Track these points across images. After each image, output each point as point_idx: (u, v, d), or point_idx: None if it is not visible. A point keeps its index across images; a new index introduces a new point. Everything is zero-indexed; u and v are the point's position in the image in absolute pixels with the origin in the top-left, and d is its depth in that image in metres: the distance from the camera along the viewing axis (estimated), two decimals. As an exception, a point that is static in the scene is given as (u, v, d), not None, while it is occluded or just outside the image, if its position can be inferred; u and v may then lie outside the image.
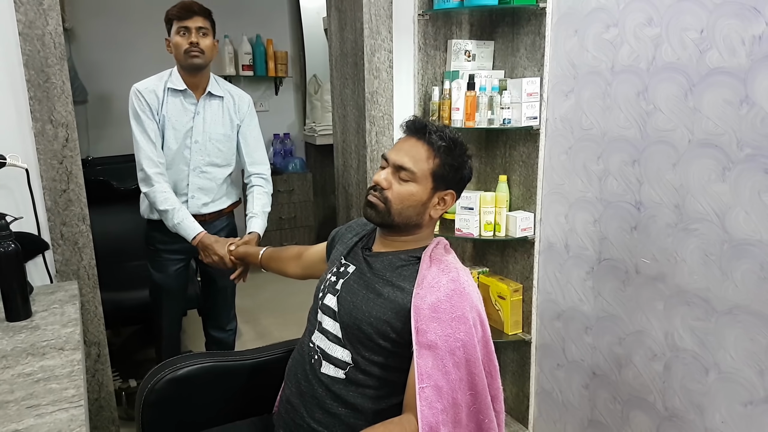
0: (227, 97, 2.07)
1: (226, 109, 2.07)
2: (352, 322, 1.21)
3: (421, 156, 1.21)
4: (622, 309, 1.80)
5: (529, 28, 2.02)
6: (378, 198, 1.23)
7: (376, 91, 2.09)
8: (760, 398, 1.44)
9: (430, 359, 1.11)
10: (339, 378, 1.22)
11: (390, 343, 1.18)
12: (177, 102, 1.99)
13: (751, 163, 1.40)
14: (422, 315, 1.13)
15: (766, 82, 1.34)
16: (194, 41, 1.92)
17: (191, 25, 1.92)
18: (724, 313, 1.50)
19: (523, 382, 2.26)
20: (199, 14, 1.94)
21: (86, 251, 1.77)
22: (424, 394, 1.10)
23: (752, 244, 1.41)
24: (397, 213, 1.23)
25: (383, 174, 1.24)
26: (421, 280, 1.18)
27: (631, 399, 1.80)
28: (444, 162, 1.22)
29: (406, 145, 1.24)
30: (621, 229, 1.77)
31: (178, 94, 1.99)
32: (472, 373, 1.14)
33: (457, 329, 1.13)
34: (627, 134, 1.71)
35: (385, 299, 1.20)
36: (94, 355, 1.85)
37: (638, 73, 1.65)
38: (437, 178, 1.22)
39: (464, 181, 1.28)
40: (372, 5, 2.01)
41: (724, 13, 1.42)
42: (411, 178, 1.21)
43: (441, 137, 1.22)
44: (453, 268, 1.22)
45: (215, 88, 2.05)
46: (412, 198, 1.22)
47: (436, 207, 1.26)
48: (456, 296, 1.15)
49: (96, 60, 3.72)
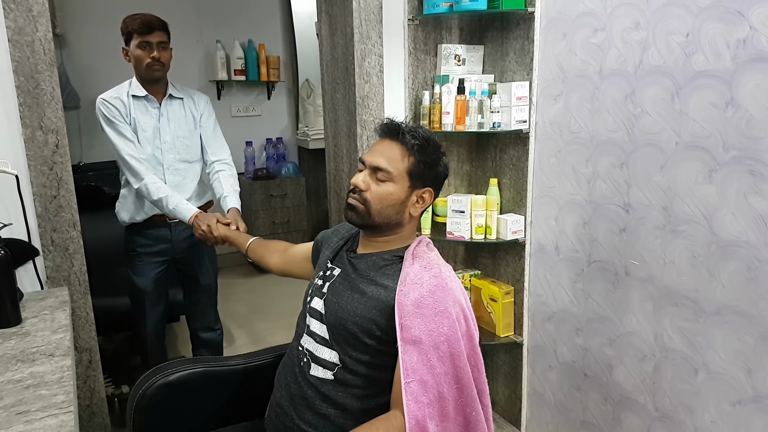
0: (186, 97, 2.20)
1: (188, 108, 2.20)
2: (338, 322, 1.24)
3: (396, 156, 1.25)
4: (611, 310, 1.81)
5: (518, 32, 2.04)
6: (357, 200, 1.27)
7: (367, 96, 2.10)
8: (749, 398, 1.45)
9: (415, 354, 1.13)
10: (328, 379, 1.24)
11: (375, 340, 1.20)
12: (141, 107, 2.11)
13: (737, 165, 1.41)
14: (406, 311, 1.15)
15: (750, 85, 1.36)
16: (156, 56, 2.04)
17: (152, 40, 2.03)
18: (712, 314, 1.51)
19: (515, 384, 2.27)
20: (159, 29, 2.05)
21: (77, 257, 1.76)
22: (410, 389, 1.12)
23: (739, 245, 1.43)
24: (377, 213, 1.25)
25: (360, 176, 1.27)
26: (404, 278, 1.20)
27: (622, 400, 1.81)
28: (418, 160, 1.25)
29: (381, 146, 1.28)
30: (610, 231, 1.78)
31: (141, 100, 2.10)
32: (456, 366, 1.16)
33: (440, 324, 1.15)
34: (615, 137, 1.73)
35: (369, 298, 1.22)
36: (86, 361, 1.84)
37: (626, 76, 1.67)
38: (413, 176, 1.26)
39: (440, 177, 1.31)
40: (362, 10, 2.02)
41: (709, 17, 1.43)
42: (388, 178, 1.24)
43: (414, 136, 1.25)
44: (435, 264, 1.24)
45: (174, 90, 2.17)
46: (390, 197, 1.25)
47: (415, 205, 1.29)
48: (439, 291, 1.18)
49: (88, 65, 3.72)
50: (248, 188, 4.09)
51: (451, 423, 1.16)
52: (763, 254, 1.38)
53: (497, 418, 2.35)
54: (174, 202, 2.04)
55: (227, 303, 3.66)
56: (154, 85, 2.11)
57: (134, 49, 2.05)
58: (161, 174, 2.14)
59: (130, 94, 2.08)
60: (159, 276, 2.25)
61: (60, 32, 3.60)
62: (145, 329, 2.29)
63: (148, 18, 2.04)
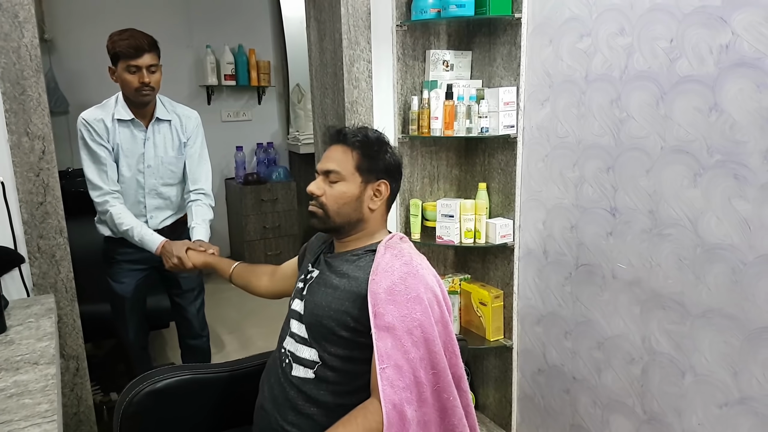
0: (174, 119, 2.10)
1: (174, 131, 2.10)
2: (315, 320, 1.26)
3: (341, 156, 1.30)
4: (600, 313, 1.82)
5: (505, 38, 2.05)
6: (315, 206, 1.31)
7: (356, 101, 2.10)
8: (735, 399, 1.46)
9: (389, 340, 1.15)
10: (309, 378, 1.26)
11: (350, 332, 1.22)
12: (126, 131, 2.01)
13: (721, 169, 1.42)
14: (379, 299, 1.17)
15: (733, 90, 1.38)
16: (146, 81, 1.92)
17: (142, 64, 1.91)
18: (698, 317, 1.52)
19: (505, 388, 2.27)
20: (149, 51, 1.92)
21: (64, 264, 1.75)
22: (385, 374, 1.13)
23: (724, 248, 1.44)
24: (335, 213, 1.29)
25: (314, 183, 1.32)
26: (375, 267, 1.22)
27: (611, 403, 1.82)
28: (362, 154, 1.29)
29: (328, 152, 1.33)
30: (597, 234, 1.79)
31: (126, 124, 2.01)
32: (431, 351, 1.17)
33: (413, 309, 1.17)
34: (601, 142, 1.74)
35: (341, 291, 1.25)
36: (73, 369, 1.83)
37: (611, 81, 1.68)
38: (362, 171, 1.30)
39: (392, 168, 1.34)
40: (350, 16, 2.02)
41: (692, 22, 1.45)
42: (339, 178, 1.29)
43: (354, 135, 1.31)
44: (406, 253, 1.26)
45: (162, 112, 2.07)
46: (344, 196, 1.29)
47: (373, 198, 1.32)
48: (410, 278, 1.20)
49: (77, 70, 3.71)
50: (239, 193, 4.08)
51: (429, 408, 1.18)
52: (747, 257, 1.39)
53: (488, 422, 2.36)
54: (139, 234, 1.98)
55: (218, 308, 3.64)
56: (142, 108, 2.01)
57: (122, 72, 1.93)
58: (141, 197, 2.09)
59: (115, 117, 1.99)
60: (139, 283, 2.20)
61: (48, 37, 3.59)
62: (128, 337, 2.26)
63: (137, 40, 1.91)
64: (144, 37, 1.92)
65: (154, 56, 1.95)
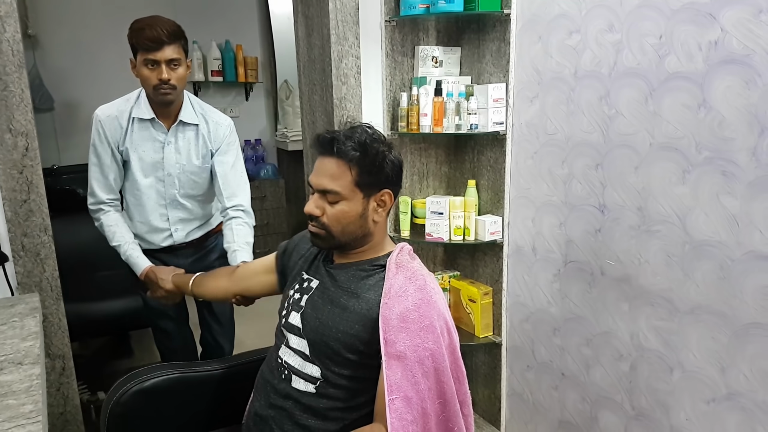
0: (202, 123, 1.84)
1: (201, 137, 1.84)
2: (319, 338, 1.21)
3: (338, 173, 1.18)
4: (588, 310, 1.83)
5: (494, 34, 2.04)
6: (317, 226, 1.22)
7: (345, 97, 2.09)
8: (722, 395, 1.47)
9: (399, 370, 1.11)
10: (309, 392, 1.22)
11: (358, 355, 1.18)
12: (144, 131, 1.79)
13: (710, 166, 1.43)
14: (391, 325, 1.13)
15: (722, 87, 1.38)
16: (165, 78, 1.67)
17: (161, 58, 1.65)
18: (686, 313, 1.53)
19: (494, 385, 2.27)
20: (170, 42, 1.65)
21: (49, 262, 1.73)
22: (394, 406, 1.09)
23: (712, 245, 1.45)
24: (340, 233, 1.21)
25: (312, 203, 1.22)
26: (388, 290, 1.17)
27: (600, 399, 1.83)
28: (362, 170, 1.18)
29: (322, 166, 1.21)
30: (586, 231, 1.79)
31: (145, 124, 1.79)
32: (440, 381, 1.15)
33: (425, 339, 1.13)
34: (590, 138, 1.74)
35: (351, 312, 1.20)
36: (59, 368, 1.81)
37: (600, 78, 1.68)
38: (363, 186, 1.19)
39: (394, 175, 1.23)
40: (338, 12, 2.01)
41: (681, 19, 1.45)
42: (338, 198, 1.18)
43: (352, 147, 1.17)
44: (420, 275, 1.21)
45: (188, 114, 1.81)
46: (347, 215, 1.20)
47: (377, 210, 1.23)
48: (424, 305, 1.15)
49: (62, 67, 3.65)
50: (227, 190, 4.05)
51: None
52: (735, 254, 1.40)
53: (477, 419, 2.36)
54: (125, 253, 1.80)
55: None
56: (165, 107, 1.77)
57: (140, 66, 1.69)
58: (163, 208, 1.86)
59: (133, 115, 1.76)
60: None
61: (32, 33, 3.53)
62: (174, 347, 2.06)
63: (155, 29, 1.63)
64: (165, 26, 1.66)
65: (177, 49, 1.69)
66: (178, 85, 1.71)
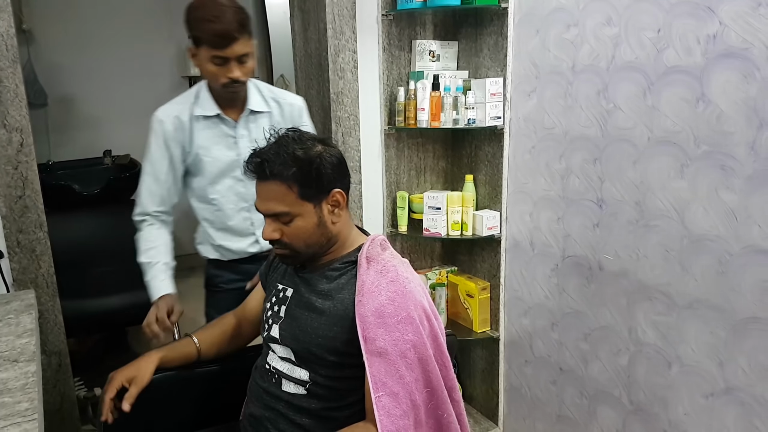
0: (275, 108, 1.67)
1: (276, 124, 1.65)
2: (302, 346, 1.20)
3: (280, 194, 1.14)
4: (586, 305, 1.83)
5: (491, 28, 2.03)
6: (281, 248, 1.20)
7: (341, 92, 2.08)
8: (721, 390, 1.47)
9: (382, 366, 1.10)
10: (300, 394, 1.21)
11: (342, 356, 1.17)
12: (210, 129, 1.61)
13: (708, 160, 1.43)
14: (368, 323, 1.11)
15: (721, 81, 1.37)
16: (235, 76, 1.48)
17: (231, 54, 1.46)
18: (684, 308, 1.53)
19: (492, 380, 2.28)
20: (240, 36, 1.45)
21: (44, 259, 1.72)
22: (381, 403, 1.09)
23: (710, 239, 1.44)
24: (305, 248, 1.19)
25: (267, 228, 1.18)
26: (360, 287, 1.15)
27: (598, 394, 1.83)
28: (302, 183, 1.13)
29: (262, 191, 1.16)
30: (584, 226, 1.79)
31: (211, 121, 1.60)
32: (426, 370, 1.14)
33: (404, 331, 1.11)
34: (588, 133, 1.73)
35: (328, 315, 1.19)
36: (55, 365, 1.80)
37: (598, 72, 1.67)
38: (310, 197, 1.15)
39: (336, 174, 1.18)
40: (335, 5, 2.00)
41: (679, 13, 1.44)
42: (290, 217, 1.15)
43: (283, 164, 1.12)
44: (391, 266, 1.18)
45: (257, 102, 1.62)
46: (305, 230, 1.17)
47: (333, 212, 1.19)
48: (399, 298, 1.14)
49: (56, 62, 3.63)
50: (223, 186, 4.04)
51: (424, 428, 1.15)
52: (733, 248, 1.40)
53: (475, 413, 2.36)
54: (152, 272, 1.58)
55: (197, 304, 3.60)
56: (231, 101, 1.60)
57: (205, 61, 1.48)
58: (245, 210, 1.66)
59: (194, 114, 1.58)
60: None
61: (27, 28, 3.51)
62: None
63: (225, 23, 1.42)
64: (234, 18, 1.43)
65: (246, 42, 1.48)
66: (247, 78, 1.54)
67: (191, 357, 1.40)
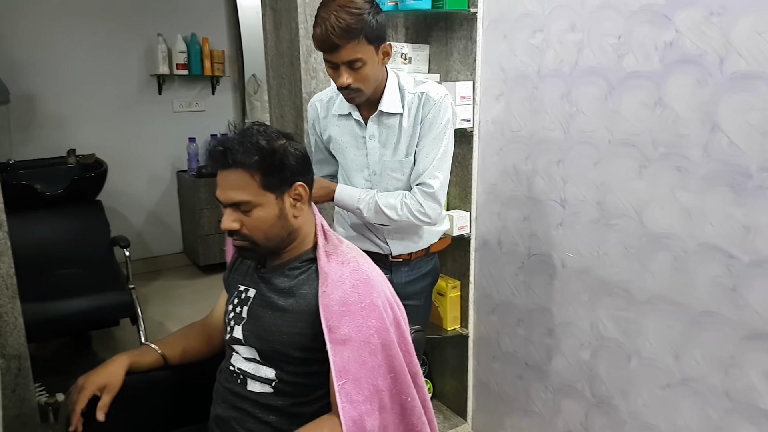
0: (408, 108, 1.56)
1: (407, 126, 1.57)
2: (266, 345, 1.21)
3: (242, 182, 1.14)
4: (550, 301, 1.88)
5: (461, 32, 2.08)
6: (240, 240, 1.19)
7: (314, 92, 2.09)
8: (677, 381, 1.53)
9: (346, 353, 1.12)
10: (267, 392, 1.22)
11: (308, 351, 1.19)
12: (344, 126, 1.62)
13: (666, 162, 1.49)
14: (332, 312, 1.14)
15: (677, 85, 1.44)
16: (344, 83, 1.44)
17: (337, 60, 1.43)
18: (643, 303, 1.59)
19: (461, 376, 2.32)
20: (345, 43, 1.39)
21: (3, 259, 1.68)
22: (344, 390, 1.10)
23: (667, 237, 1.51)
24: (264, 240, 1.19)
25: (226, 218, 1.17)
26: (324, 278, 1.17)
27: (562, 388, 1.89)
28: (265, 172, 1.14)
29: (223, 180, 1.16)
30: (548, 225, 1.85)
31: (345, 120, 1.62)
32: (389, 356, 1.16)
33: (368, 317, 1.14)
34: (552, 135, 1.79)
35: (290, 312, 1.20)
36: (15, 369, 1.75)
37: (562, 76, 1.73)
38: (272, 188, 1.16)
39: (300, 167, 1.20)
40: (307, 5, 2.01)
41: (639, 20, 1.50)
42: (250, 206, 1.15)
43: (246, 152, 1.13)
44: (351, 258, 1.23)
45: (391, 103, 1.54)
46: (266, 221, 1.17)
47: (296, 206, 1.21)
48: (362, 285, 1.17)
49: (18, 59, 3.54)
50: (191, 186, 4.00)
51: (389, 413, 1.16)
52: (688, 245, 1.46)
53: (444, 410, 2.40)
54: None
55: (170, 305, 3.57)
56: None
57: (325, 64, 1.49)
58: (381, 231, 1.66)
59: (331, 111, 1.62)
60: None
61: (-12, 23, 3.42)
62: None
63: (324, 28, 1.38)
64: (336, 23, 1.37)
65: (357, 47, 1.41)
66: (363, 86, 1.47)
67: (159, 363, 1.41)
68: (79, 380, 1.30)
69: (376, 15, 1.43)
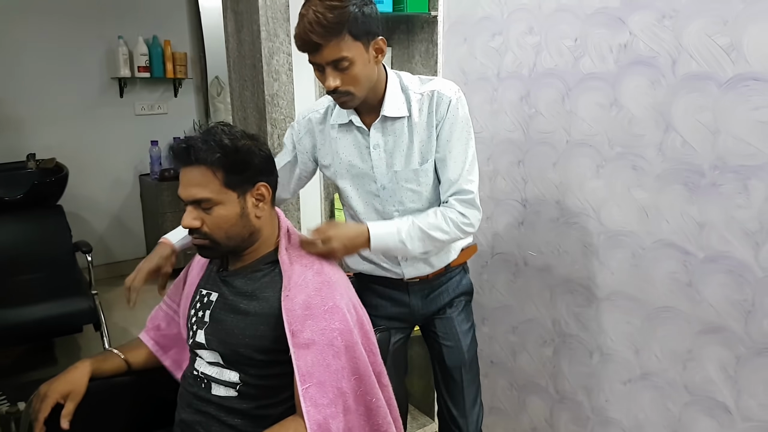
0: (417, 109, 1.37)
1: (419, 130, 1.38)
2: (229, 349, 1.21)
3: (203, 180, 1.13)
4: (513, 299, 1.91)
5: (423, 35, 2.09)
6: (200, 238, 1.18)
7: (276, 94, 2.08)
8: (637, 375, 1.57)
9: (309, 356, 1.12)
10: (231, 396, 1.22)
11: (271, 354, 1.19)
12: (346, 136, 1.42)
13: (622, 161, 1.52)
14: (295, 315, 1.13)
15: (631, 86, 1.47)
16: (330, 86, 1.26)
17: (321, 61, 1.26)
18: (603, 299, 1.63)
19: (429, 376, 2.33)
20: (327, 41, 1.21)
21: (-40, 267, 1.63)
22: (308, 394, 1.10)
23: (625, 234, 1.55)
24: (225, 239, 1.18)
25: (187, 216, 1.16)
26: (287, 282, 1.17)
27: (527, 384, 1.91)
28: (228, 170, 1.14)
29: (185, 177, 1.16)
30: (510, 224, 1.87)
31: (347, 129, 1.42)
32: (353, 357, 1.16)
33: (331, 320, 1.14)
34: (512, 137, 1.81)
35: (253, 315, 1.20)
36: (-26, 379, 1.71)
37: (521, 78, 1.75)
38: (234, 186, 1.15)
39: (263, 167, 1.20)
40: (268, 8, 2.00)
41: (594, 23, 1.54)
42: (211, 204, 1.14)
43: (209, 150, 1.12)
44: (315, 260, 1.23)
45: (394, 106, 1.36)
46: (227, 219, 1.16)
47: (258, 206, 1.20)
48: (325, 288, 1.17)
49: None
50: (154, 190, 3.93)
51: (353, 414, 1.17)
52: (645, 242, 1.50)
53: (412, 410, 2.41)
54: None
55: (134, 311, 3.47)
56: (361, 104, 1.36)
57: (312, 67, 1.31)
58: None
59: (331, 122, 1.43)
60: (397, 346, 1.58)
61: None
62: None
63: (303, 29, 1.21)
64: (315, 19, 1.19)
65: (341, 44, 1.22)
66: (354, 89, 1.28)
67: (122, 368, 1.39)
68: (41, 388, 1.27)
69: (363, 6, 1.23)
